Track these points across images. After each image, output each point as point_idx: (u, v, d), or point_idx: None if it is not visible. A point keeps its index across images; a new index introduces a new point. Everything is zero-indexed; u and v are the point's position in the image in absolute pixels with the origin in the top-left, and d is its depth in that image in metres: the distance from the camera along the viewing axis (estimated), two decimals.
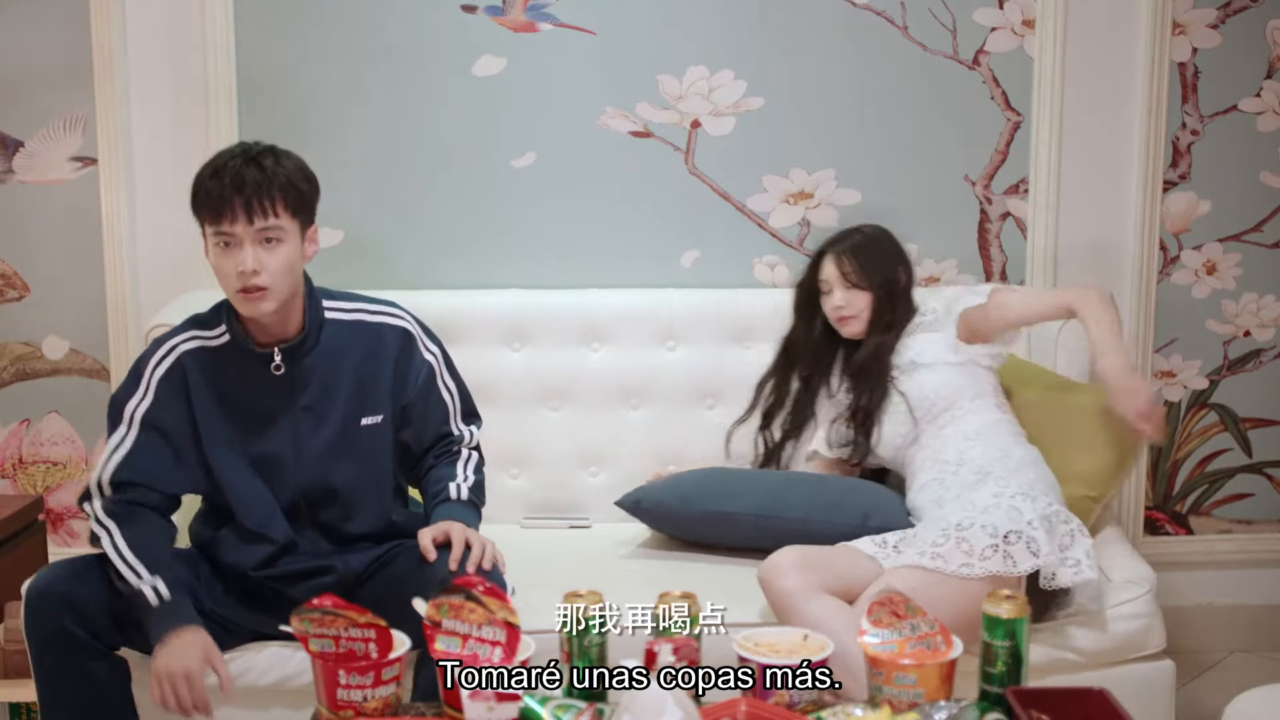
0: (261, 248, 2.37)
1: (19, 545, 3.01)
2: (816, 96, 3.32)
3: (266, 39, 3.25)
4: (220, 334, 2.49)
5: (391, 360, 2.55)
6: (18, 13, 3.21)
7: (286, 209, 2.39)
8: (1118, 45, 3.33)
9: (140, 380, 2.48)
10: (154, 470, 2.46)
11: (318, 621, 2.01)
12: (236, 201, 2.36)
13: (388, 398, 2.55)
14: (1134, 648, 2.68)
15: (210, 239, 2.41)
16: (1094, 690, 2.01)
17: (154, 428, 2.47)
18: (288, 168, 2.41)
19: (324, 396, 2.50)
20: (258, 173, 2.37)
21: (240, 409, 2.48)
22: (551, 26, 3.27)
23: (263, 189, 2.36)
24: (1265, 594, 3.56)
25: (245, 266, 2.36)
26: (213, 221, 2.38)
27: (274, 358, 2.46)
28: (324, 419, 2.50)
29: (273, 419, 2.49)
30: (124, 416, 2.48)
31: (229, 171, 2.37)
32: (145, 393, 2.47)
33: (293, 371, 2.48)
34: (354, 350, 2.53)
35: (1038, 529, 2.54)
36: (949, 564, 2.52)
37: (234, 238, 2.37)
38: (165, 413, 2.47)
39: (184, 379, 2.47)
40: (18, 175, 3.28)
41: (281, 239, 2.39)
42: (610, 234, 3.34)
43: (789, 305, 3.12)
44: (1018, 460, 2.75)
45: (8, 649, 2.82)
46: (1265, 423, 3.52)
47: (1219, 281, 3.45)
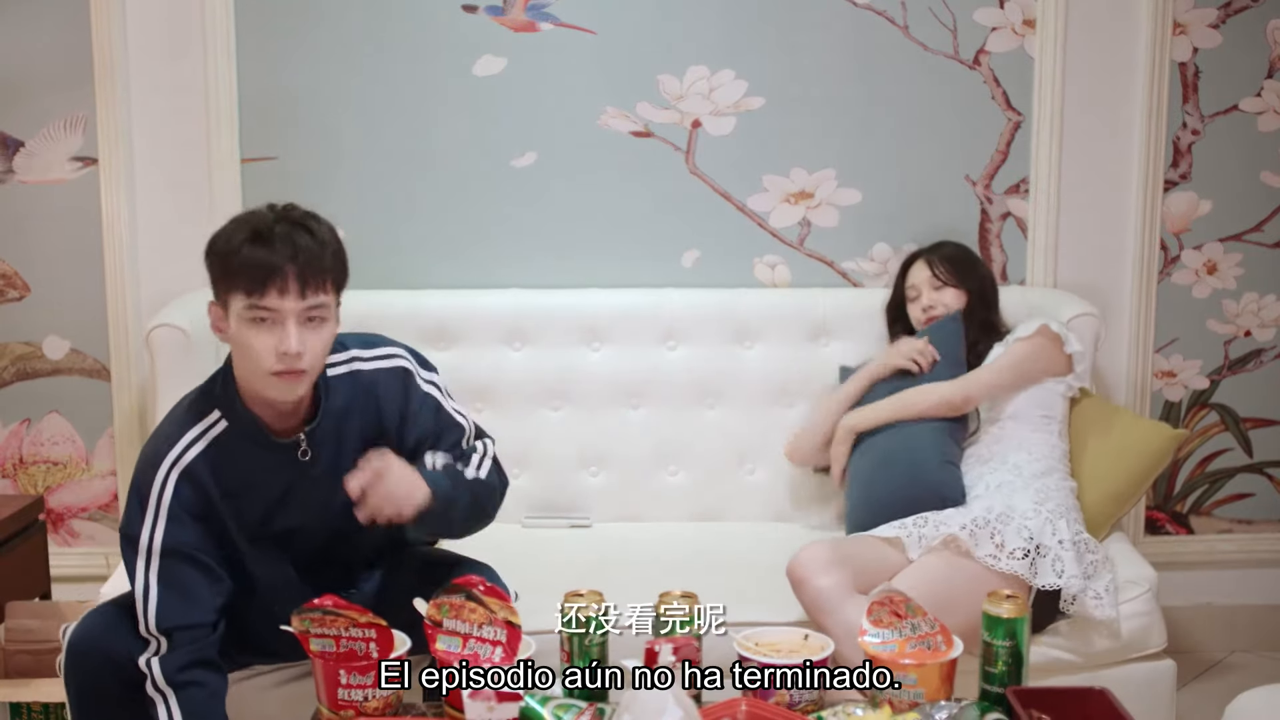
0: (305, 326, 2.13)
1: (19, 545, 3.01)
2: (817, 96, 3.32)
3: (267, 39, 3.24)
4: (216, 422, 2.24)
5: (395, 408, 2.35)
6: (18, 13, 3.21)
7: (334, 286, 2.17)
8: (1118, 45, 3.33)
9: (145, 511, 2.22)
10: (192, 603, 2.23)
11: (318, 621, 2.02)
12: (289, 272, 2.09)
13: (394, 442, 2.33)
14: (1135, 647, 2.68)
15: (242, 312, 2.13)
16: (1095, 690, 2.02)
17: (175, 554, 2.22)
18: (332, 238, 2.18)
19: (337, 459, 2.28)
20: (310, 240, 2.13)
21: (258, 494, 2.27)
22: (552, 26, 3.26)
23: (319, 261, 2.12)
24: (1266, 594, 3.56)
25: (289, 348, 2.11)
26: (252, 293, 2.11)
27: (300, 444, 2.26)
28: (337, 480, 2.25)
29: (291, 494, 2.29)
30: (140, 552, 2.22)
31: (279, 238, 2.11)
32: (156, 521, 2.22)
33: (319, 453, 2.29)
34: (357, 407, 2.32)
35: (1067, 550, 2.59)
36: (979, 548, 2.55)
37: (277, 314, 2.11)
38: (183, 532, 2.22)
39: (198, 491, 2.23)
40: (18, 175, 3.28)
41: (326, 318, 2.17)
42: (611, 234, 3.34)
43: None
44: (1057, 484, 2.79)
45: (8, 649, 2.82)
46: (1266, 423, 3.51)
47: (1220, 281, 3.45)
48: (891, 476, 2.86)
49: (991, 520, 2.60)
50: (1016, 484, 2.74)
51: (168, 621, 2.20)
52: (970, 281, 3.06)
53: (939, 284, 3.05)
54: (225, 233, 2.17)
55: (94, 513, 3.39)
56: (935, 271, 3.06)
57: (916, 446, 2.87)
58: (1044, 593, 2.58)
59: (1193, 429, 3.49)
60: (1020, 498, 2.68)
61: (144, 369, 3.28)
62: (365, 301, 3.22)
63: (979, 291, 3.07)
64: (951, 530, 2.60)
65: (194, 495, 2.22)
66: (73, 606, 2.88)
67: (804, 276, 3.37)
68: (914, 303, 3.09)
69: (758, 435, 3.25)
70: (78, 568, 3.33)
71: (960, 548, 2.59)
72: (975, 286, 3.06)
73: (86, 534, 3.40)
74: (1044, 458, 2.84)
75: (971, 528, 2.59)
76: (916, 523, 2.68)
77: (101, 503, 3.39)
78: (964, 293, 3.05)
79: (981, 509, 2.65)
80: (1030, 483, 2.74)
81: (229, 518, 2.26)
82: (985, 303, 3.07)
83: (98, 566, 3.30)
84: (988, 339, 3.02)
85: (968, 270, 3.08)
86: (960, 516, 2.64)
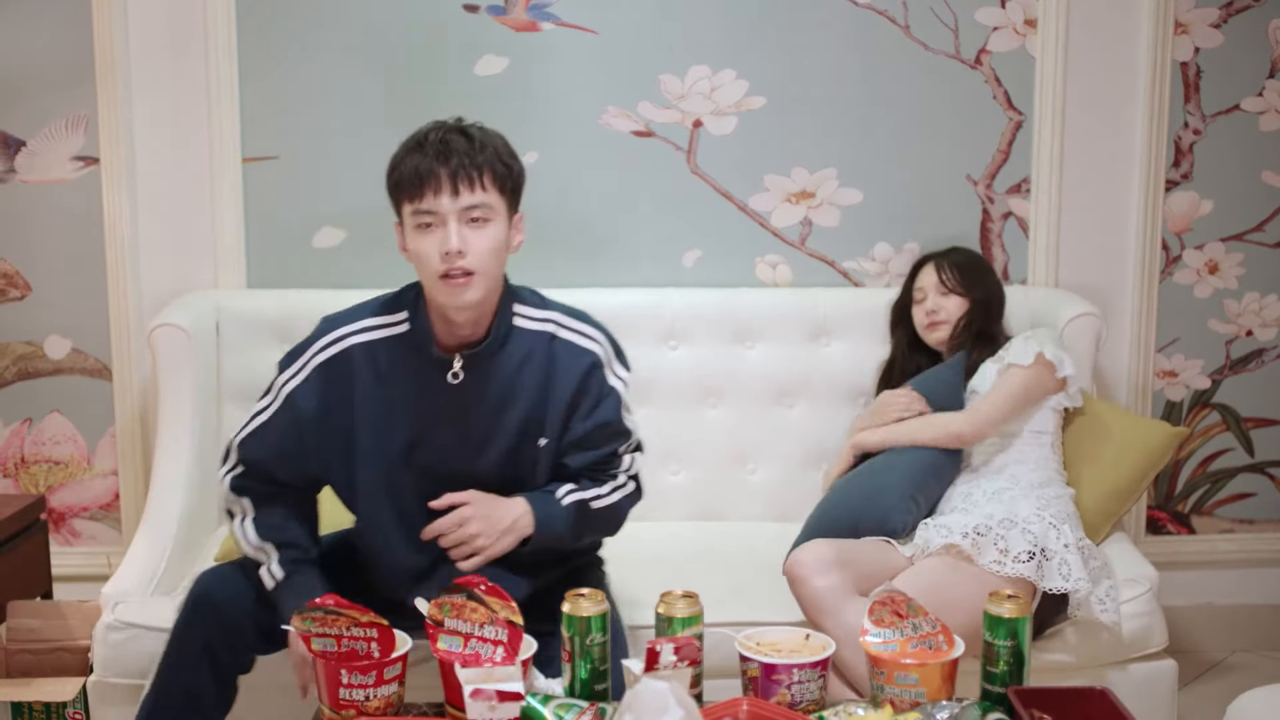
0: (467, 227, 2.16)
1: (20, 545, 3.01)
2: (818, 96, 3.32)
3: (268, 38, 3.24)
4: (400, 321, 2.28)
5: (570, 389, 2.30)
6: (19, 12, 3.21)
7: (495, 184, 2.18)
8: (1120, 45, 3.33)
9: (299, 359, 2.29)
10: (280, 454, 2.29)
11: (320, 621, 2.01)
12: (441, 173, 2.14)
13: (559, 422, 2.31)
14: (1136, 647, 2.68)
15: (409, 220, 2.19)
16: (1096, 690, 2.01)
17: (295, 411, 2.27)
18: (495, 142, 2.21)
19: (498, 413, 2.27)
20: (465, 141, 2.17)
21: (403, 417, 2.27)
22: (553, 26, 3.27)
23: (470, 159, 2.15)
24: (1267, 593, 3.56)
25: (450, 246, 2.14)
26: (413, 198, 2.17)
27: (453, 364, 2.24)
28: (492, 437, 2.28)
29: (436, 431, 2.27)
30: (273, 388, 2.30)
31: (432, 143, 2.17)
32: (299, 372, 2.28)
33: (469, 381, 2.25)
34: (536, 366, 2.28)
35: (1072, 554, 2.58)
36: (982, 556, 2.55)
37: (437, 216, 2.16)
38: (312, 401, 2.27)
39: (347, 375, 2.26)
40: (20, 175, 3.28)
41: (489, 218, 2.18)
42: (611, 233, 3.34)
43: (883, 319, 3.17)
44: (1056, 492, 2.78)
45: (9, 648, 2.83)
46: (1267, 422, 3.51)
47: (1221, 281, 3.45)
48: (850, 489, 2.84)
49: (994, 527, 2.58)
50: (1015, 492, 2.73)
51: (249, 448, 2.30)
52: (977, 291, 3.05)
53: (945, 290, 3.05)
54: (396, 151, 2.23)
55: (95, 512, 3.39)
56: (943, 277, 3.06)
57: (891, 468, 2.83)
58: (1046, 598, 2.58)
59: (1194, 429, 3.49)
60: (1022, 504, 2.67)
61: (145, 368, 3.29)
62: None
63: (984, 301, 3.05)
64: (953, 539, 2.59)
65: (345, 377, 2.26)
66: (74, 606, 2.89)
67: (805, 276, 3.37)
68: (919, 305, 3.09)
69: (759, 435, 3.25)
70: (79, 567, 3.33)
71: (962, 555, 2.58)
72: (981, 296, 3.05)
73: (88, 533, 3.40)
74: (1040, 469, 2.84)
75: (974, 536, 2.58)
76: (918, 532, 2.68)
77: (103, 502, 3.39)
78: (968, 301, 3.04)
79: (982, 516, 2.63)
80: (1030, 491, 2.73)
81: (367, 426, 2.26)
82: (988, 314, 3.05)
83: (99, 566, 3.30)
84: (980, 351, 2.99)
85: (976, 279, 3.07)
86: (961, 524, 2.63)
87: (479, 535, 2.26)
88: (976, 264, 3.12)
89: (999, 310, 3.10)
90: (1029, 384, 2.88)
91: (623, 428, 2.38)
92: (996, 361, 2.94)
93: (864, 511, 2.75)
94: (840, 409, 3.22)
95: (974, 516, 2.64)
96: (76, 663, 2.82)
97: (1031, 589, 2.55)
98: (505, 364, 2.27)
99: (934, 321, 3.05)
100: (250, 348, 3.19)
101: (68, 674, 2.81)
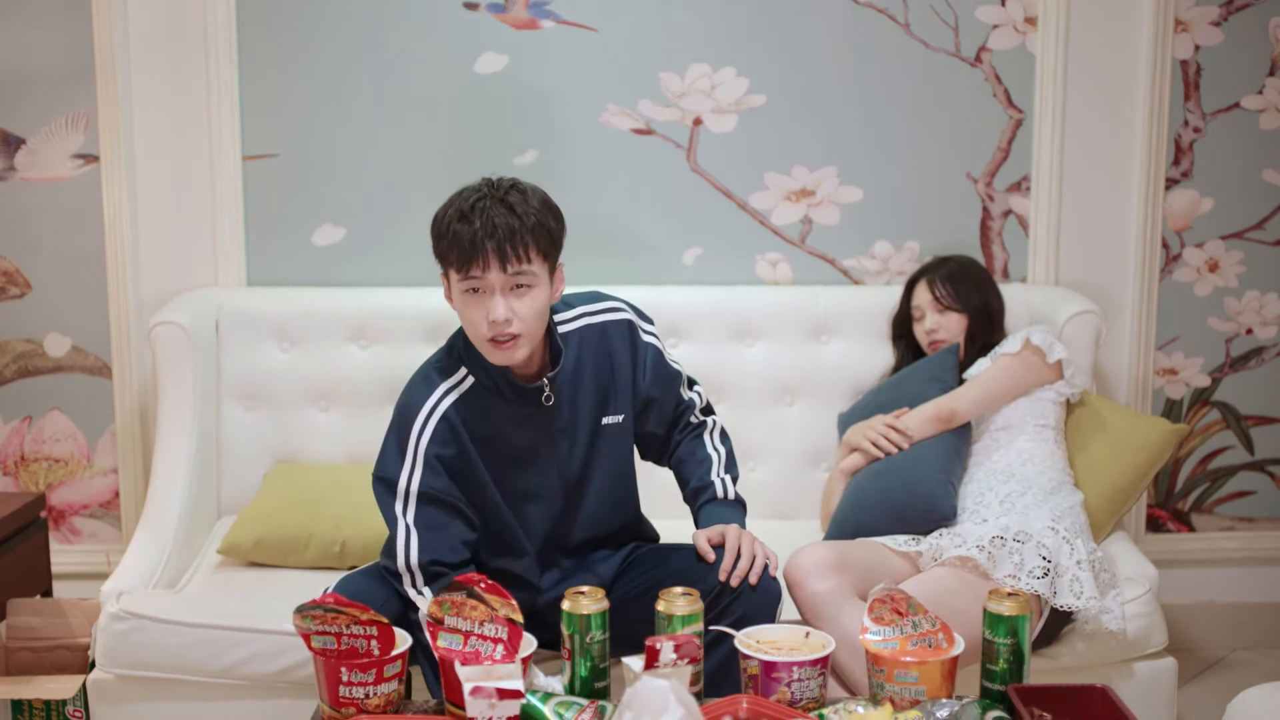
0: (512, 295, 2.27)
1: (20, 543, 3.00)
2: (819, 94, 3.32)
3: (268, 36, 3.24)
4: (464, 377, 2.39)
5: (627, 357, 2.48)
6: (19, 10, 3.21)
7: (539, 253, 2.29)
8: (1120, 42, 3.33)
9: (405, 453, 2.36)
10: (449, 543, 2.35)
11: (319, 619, 2.01)
12: (488, 247, 2.24)
13: (629, 395, 2.48)
14: (1136, 645, 2.68)
15: (456, 285, 2.31)
16: (1096, 687, 2.02)
17: (433, 499, 2.35)
18: (536, 207, 2.30)
19: (574, 414, 2.43)
20: (509, 216, 2.26)
21: (505, 448, 2.40)
22: (553, 24, 3.26)
23: (516, 235, 2.25)
24: (1267, 592, 3.56)
25: (497, 316, 2.26)
26: (462, 269, 2.27)
27: (543, 389, 2.38)
28: (576, 436, 2.44)
29: (535, 451, 2.42)
30: (398, 493, 2.36)
31: (479, 214, 2.25)
32: (412, 464, 2.35)
33: (556, 399, 2.41)
34: (590, 359, 2.45)
35: (1084, 571, 2.57)
36: (997, 570, 2.53)
37: (484, 285, 2.27)
38: (436, 479, 2.35)
39: (454, 434, 2.36)
40: (20, 173, 3.28)
41: (533, 284, 2.29)
42: (612, 231, 3.34)
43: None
44: (1069, 503, 2.76)
45: (9, 646, 2.82)
46: (1267, 420, 3.51)
47: (1221, 279, 3.45)
48: (885, 483, 2.83)
49: (1008, 540, 2.57)
50: (1028, 499, 2.72)
51: (429, 554, 2.33)
52: (974, 300, 3.05)
53: (941, 307, 3.05)
54: (442, 210, 2.33)
55: (95, 510, 3.39)
56: (936, 294, 3.06)
57: (918, 456, 2.84)
58: (1055, 610, 2.57)
59: (1194, 427, 3.49)
60: (1035, 516, 2.64)
61: (145, 366, 3.29)
62: (366, 300, 3.24)
63: (982, 310, 3.06)
64: (967, 550, 2.57)
65: (449, 443, 2.36)
66: (74, 604, 2.88)
67: (805, 274, 3.37)
68: (919, 323, 3.10)
69: (759, 433, 3.25)
70: (79, 565, 3.33)
71: (974, 567, 2.56)
72: (979, 304, 3.05)
73: (88, 531, 3.40)
74: (1048, 469, 2.82)
75: (989, 549, 2.56)
76: (931, 538, 2.68)
77: (103, 500, 3.39)
78: (966, 315, 3.04)
79: (997, 528, 2.60)
80: (1043, 500, 2.71)
81: (481, 467, 2.38)
82: (989, 322, 3.06)
83: (99, 564, 3.30)
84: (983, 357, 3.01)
85: (970, 290, 3.07)
86: (976, 535, 2.61)
87: (754, 544, 2.41)
88: (969, 273, 3.11)
89: (999, 315, 3.10)
90: (1014, 368, 2.91)
91: (672, 371, 2.56)
92: (990, 358, 2.95)
93: (908, 502, 2.75)
94: (840, 407, 3.21)
95: (988, 528, 2.62)
96: (76, 660, 2.82)
97: (1040, 599, 2.54)
98: (573, 369, 2.43)
99: (935, 341, 3.06)
100: (250, 345, 3.19)
101: (68, 672, 2.81)
